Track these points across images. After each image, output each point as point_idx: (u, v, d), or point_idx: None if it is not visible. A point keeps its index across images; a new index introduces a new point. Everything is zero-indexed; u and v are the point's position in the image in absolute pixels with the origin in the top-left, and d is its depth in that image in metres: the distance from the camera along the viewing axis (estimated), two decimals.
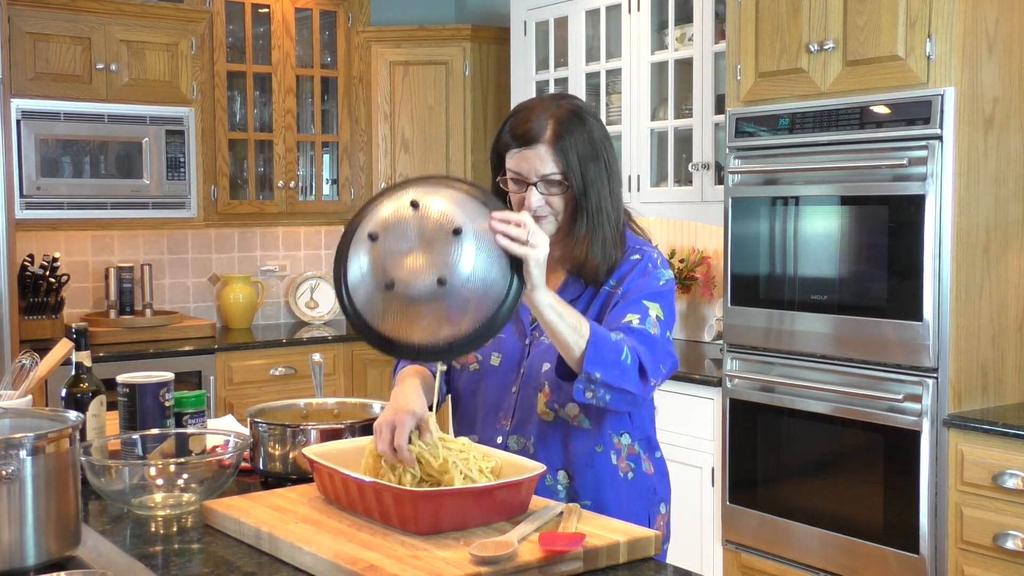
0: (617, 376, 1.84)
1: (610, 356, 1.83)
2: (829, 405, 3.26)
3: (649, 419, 2.15)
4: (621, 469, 2.06)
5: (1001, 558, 2.86)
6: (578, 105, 2.04)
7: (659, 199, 4.21)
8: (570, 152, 1.96)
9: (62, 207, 4.35)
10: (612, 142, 2.06)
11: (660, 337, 1.96)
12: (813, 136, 3.27)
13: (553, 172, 1.97)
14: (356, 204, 5.20)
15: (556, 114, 1.98)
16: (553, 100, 2.05)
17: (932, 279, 2.99)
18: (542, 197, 1.98)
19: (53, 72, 4.33)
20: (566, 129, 1.97)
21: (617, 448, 2.06)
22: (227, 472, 1.94)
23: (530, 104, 2.04)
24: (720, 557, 3.62)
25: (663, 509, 2.14)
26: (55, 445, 1.63)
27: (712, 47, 3.94)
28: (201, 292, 5.15)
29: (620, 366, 1.85)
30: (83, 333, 2.23)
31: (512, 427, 2.06)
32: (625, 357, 1.86)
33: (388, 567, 1.51)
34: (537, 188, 1.97)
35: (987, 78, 3.01)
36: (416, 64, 5.10)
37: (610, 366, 1.83)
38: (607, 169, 2.00)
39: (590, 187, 1.97)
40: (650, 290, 2.00)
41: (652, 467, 2.12)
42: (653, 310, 1.97)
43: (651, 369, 1.90)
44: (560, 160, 1.96)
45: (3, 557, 1.59)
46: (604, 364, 1.82)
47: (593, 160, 1.98)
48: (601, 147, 2.00)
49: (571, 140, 1.96)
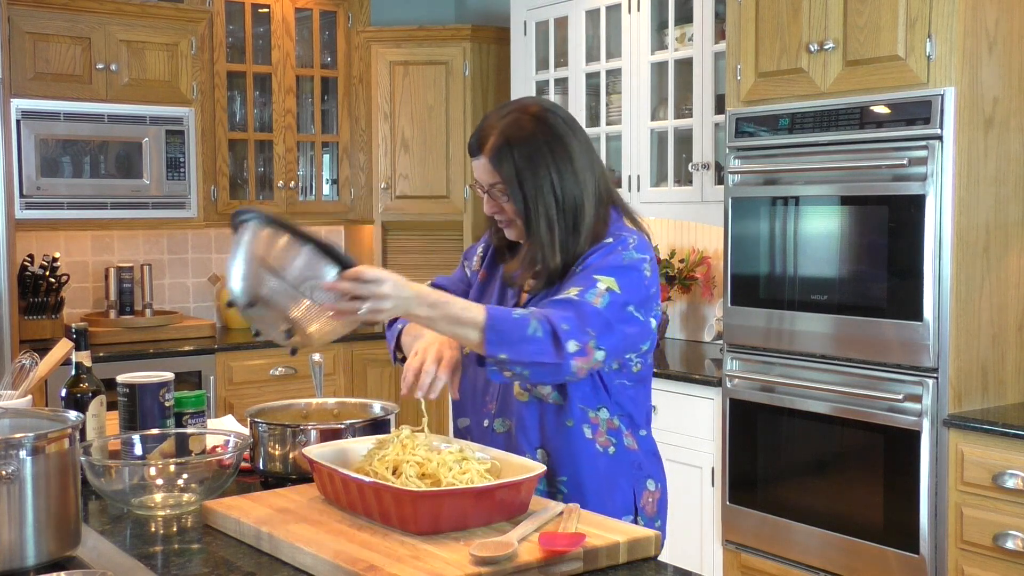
0: (527, 352, 1.83)
1: (514, 334, 1.83)
2: (829, 405, 3.26)
3: (632, 397, 2.11)
4: (599, 443, 2.06)
5: (1001, 558, 2.86)
6: (537, 116, 2.03)
7: (659, 199, 4.21)
8: (505, 163, 2.00)
9: (62, 207, 4.35)
10: (575, 152, 2.03)
11: (603, 307, 1.92)
12: (813, 136, 3.27)
13: (495, 182, 2.03)
14: (356, 204, 5.21)
15: (501, 124, 2.02)
16: (507, 107, 2.08)
17: (932, 279, 2.99)
18: (494, 204, 2.05)
19: (53, 72, 4.33)
20: (505, 140, 2.00)
21: (593, 422, 2.06)
22: (227, 472, 1.94)
23: (489, 113, 2.10)
24: (720, 557, 3.62)
25: (652, 486, 2.13)
26: (55, 445, 1.63)
27: (712, 47, 3.94)
28: (201, 292, 5.15)
29: (528, 341, 1.84)
30: (83, 333, 2.23)
31: (496, 410, 2.11)
32: (534, 331, 1.84)
33: (388, 567, 1.51)
34: (489, 194, 2.05)
35: (987, 78, 3.01)
36: (416, 64, 5.10)
37: (515, 344, 1.83)
38: (553, 182, 2.00)
39: (529, 197, 2.00)
40: (607, 264, 1.98)
41: (636, 444, 2.11)
42: (603, 283, 1.95)
43: (566, 335, 1.85)
44: (497, 171, 2.01)
45: (3, 557, 1.59)
46: (507, 344, 1.83)
47: (531, 170, 2.00)
48: (545, 160, 2.00)
49: (507, 151, 2.00)
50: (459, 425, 2.21)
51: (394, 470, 1.77)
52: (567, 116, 2.09)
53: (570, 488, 2.06)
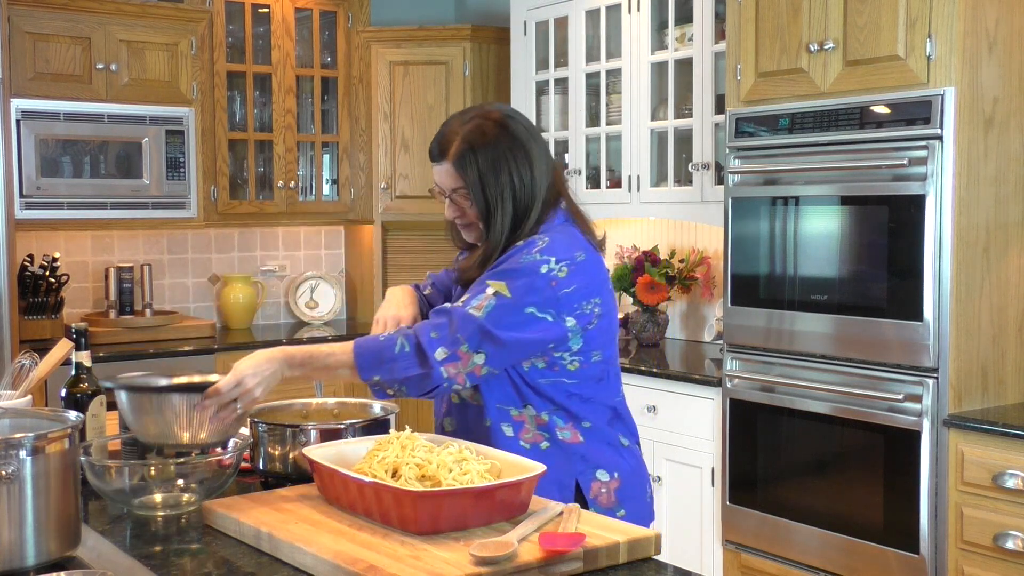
0: (396, 369, 1.97)
1: (382, 355, 1.97)
2: (829, 405, 3.26)
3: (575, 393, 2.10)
4: (524, 440, 2.10)
5: (1001, 558, 2.86)
6: (497, 120, 2.10)
7: (659, 199, 4.21)
8: (469, 168, 2.07)
9: (62, 207, 4.35)
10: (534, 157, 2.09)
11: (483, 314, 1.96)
12: (813, 136, 3.27)
13: (458, 187, 2.09)
14: (356, 204, 5.21)
15: (463, 130, 2.08)
16: (468, 113, 2.14)
17: (932, 279, 2.99)
18: (454, 208, 2.13)
19: (53, 72, 4.33)
20: (467, 146, 2.06)
21: (517, 420, 2.10)
22: (227, 472, 1.94)
23: (450, 119, 2.15)
24: (720, 557, 3.62)
25: (604, 476, 2.12)
26: (55, 445, 1.63)
27: (712, 47, 3.94)
28: (201, 292, 5.15)
29: (395, 359, 1.97)
30: (83, 333, 2.23)
31: (446, 410, 2.22)
32: (400, 347, 1.97)
33: (388, 567, 1.51)
34: (451, 199, 2.12)
35: (987, 78, 3.01)
36: (416, 64, 5.10)
37: (384, 363, 1.97)
38: (513, 185, 2.07)
39: (491, 201, 2.07)
40: (503, 269, 2.03)
41: (580, 436, 2.11)
42: (492, 287, 2.00)
43: (432, 345, 1.95)
44: (461, 176, 2.08)
45: (3, 557, 1.59)
46: (376, 366, 1.97)
47: (493, 176, 2.06)
48: (506, 163, 2.07)
49: (471, 156, 2.06)
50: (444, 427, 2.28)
51: (393, 472, 1.77)
52: (527, 122, 2.16)
53: None
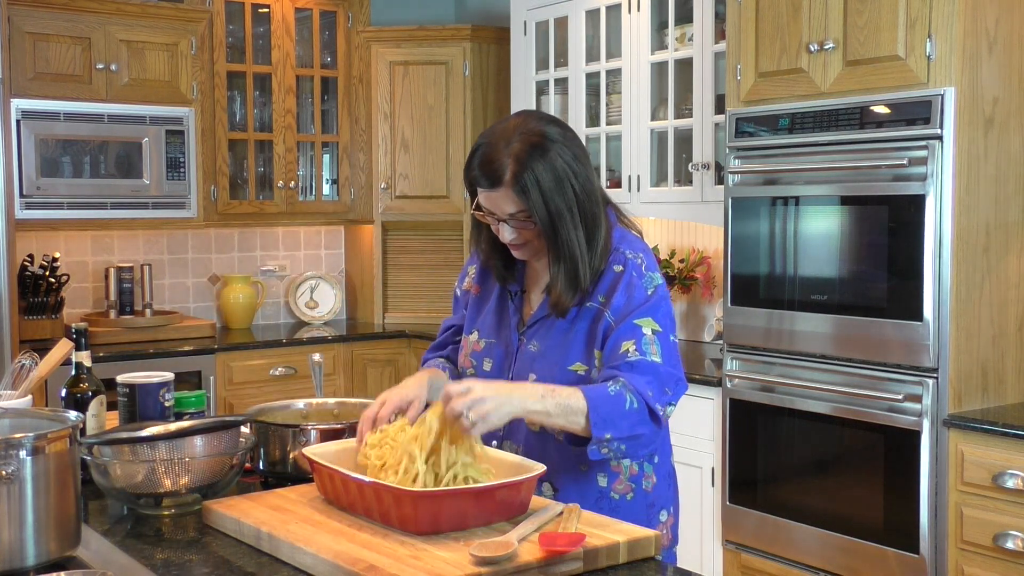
0: (627, 427, 1.86)
1: (614, 412, 1.85)
2: (829, 405, 3.26)
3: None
4: (615, 491, 2.04)
5: (1001, 558, 2.86)
6: (541, 133, 1.96)
7: (659, 199, 4.21)
8: (531, 191, 1.92)
9: (62, 207, 4.35)
10: (582, 160, 1.99)
11: (664, 358, 1.94)
12: (813, 136, 3.27)
13: (518, 211, 1.96)
14: (356, 204, 5.21)
15: (515, 150, 1.93)
16: (517, 128, 1.97)
17: (932, 279, 2.99)
18: (513, 231, 1.99)
19: (53, 72, 4.33)
20: (526, 166, 1.92)
21: (614, 471, 2.04)
22: (229, 472, 1.94)
23: (493, 136, 1.98)
24: (720, 557, 3.62)
25: (664, 516, 2.11)
26: (55, 445, 1.63)
27: (712, 47, 3.94)
28: (201, 292, 5.15)
29: (626, 417, 1.86)
30: (83, 333, 2.23)
31: (505, 432, 2.07)
32: (630, 405, 1.86)
33: (388, 567, 1.51)
34: (508, 224, 1.98)
35: (987, 78, 3.01)
36: (416, 64, 5.10)
37: (617, 420, 1.85)
38: (576, 193, 1.96)
39: (556, 219, 1.94)
40: (638, 305, 1.97)
41: (654, 478, 2.09)
42: (647, 327, 1.95)
43: (658, 402, 1.90)
44: (523, 199, 1.94)
45: (3, 557, 1.59)
46: (610, 423, 1.85)
47: (558, 191, 1.94)
48: (567, 174, 1.95)
49: (531, 177, 1.92)
50: None
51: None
52: (564, 123, 2.05)
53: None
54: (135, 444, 1.88)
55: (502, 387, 1.83)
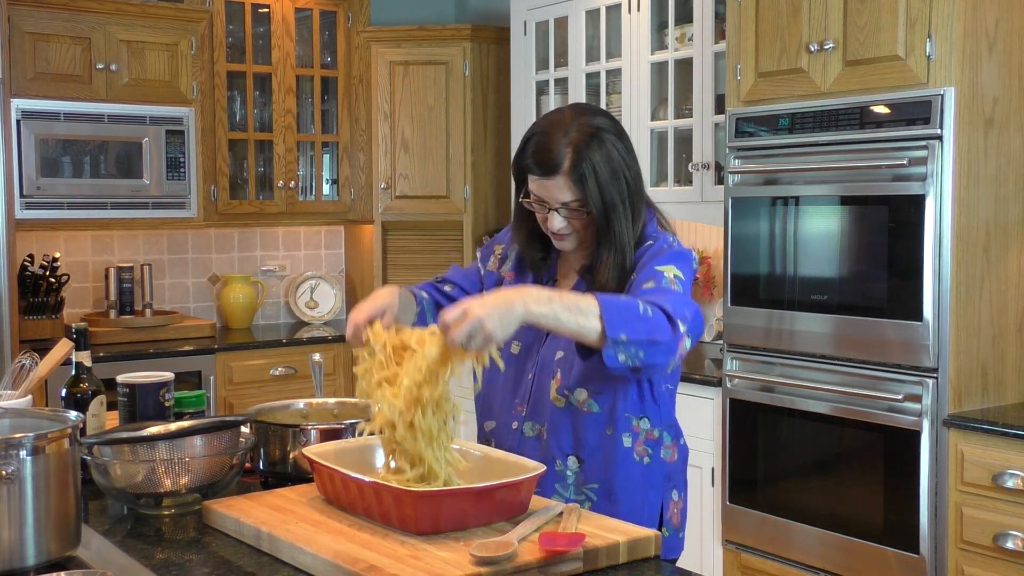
0: (644, 330, 1.79)
1: (627, 314, 1.79)
2: (829, 405, 3.26)
3: (673, 403, 2.14)
4: (637, 452, 2.06)
5: (1001, 558, 2.86)
6: (597, 125, 2.00)
7: (659, 199, 4.17)
8: (588, 180, 1.96)
9: (62, 207, 4.35)
10: (632, 154, 2.04)
11: (681, 292, 1.94)
12: (813, 136, 3.27)
13: (573, 200, 1.99)
14: (356, 204, 5.21)
15: (574, 140, 1.97)
16: (574, 119, 2.00)
17: (932, 279, 2.99)
18: (563, 220, 2.01)
19: (53, 72, 4.33)
20: (584, 156, 1.96)
21: (635, 431, 2.06)
22: (229, 472, 1.94)
23: (549, 126, 2.01)
24: (720, 557, 3.62)
25: (676, 496, 2.13)
26: (55, 445, 1.63)
27: (712, 47, 3.94)
28: (201, 292, 5.15)
29: (642, 319, 1.80)
30: (83, 333, 2.23)
31: (527, 413, 2.09)
32: (643, 311, 1.81)
33: (388, 567, 1.51)
34: (559, 213, 2.01)
35: (987, 78, 3.01)
36: (416, 64, 5.10)
37: (631, 322, 1.78)
38: (628, 185, 2.01)
39: (610, 210, 1.99)
40: (662, 256, 1.99)
41: (676, 454, 2.12)
42: (668, 271, 1.95)
43: (676, 314, 1.83)
44: (579, 189, 1.97)
45: (3, 557, 1.59)
46: (625, 323, 1.77)
47: (613, 182, 1.98)
48: (621, 166, 2.00)
49: (589, 167, 1.96)
50: (485, 428, 2.19)
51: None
52: (614, 117, 2.09)
53: (600, 496, 2.05)
54: (135, 444, 1.88)
55: (500, 298, 1.74)
